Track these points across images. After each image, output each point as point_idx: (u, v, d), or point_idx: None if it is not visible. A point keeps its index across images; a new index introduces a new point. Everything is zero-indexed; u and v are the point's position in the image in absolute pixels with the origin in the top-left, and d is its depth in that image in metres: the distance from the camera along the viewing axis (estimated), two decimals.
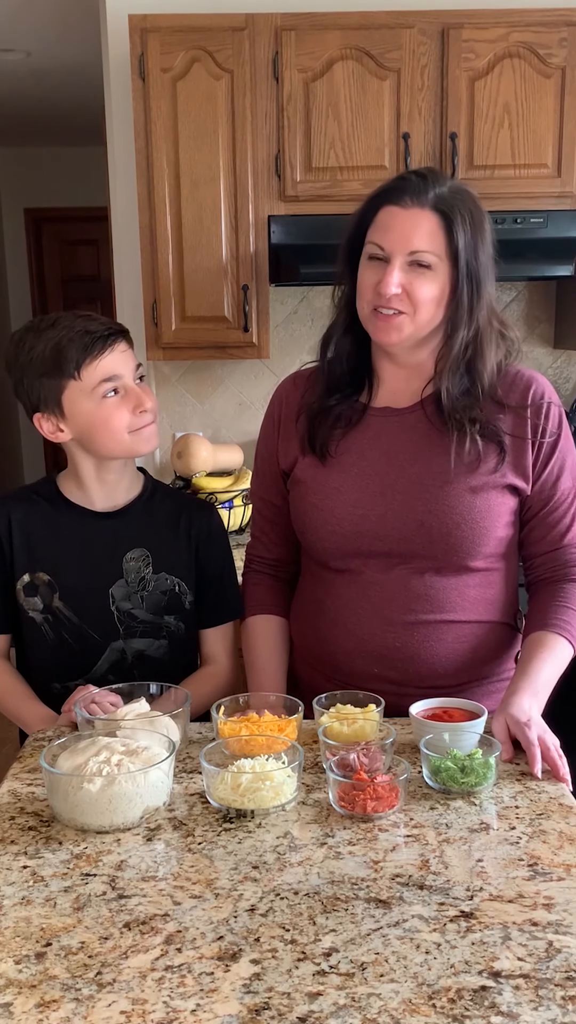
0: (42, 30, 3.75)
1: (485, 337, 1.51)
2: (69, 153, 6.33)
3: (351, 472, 1.58)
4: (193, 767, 1.40)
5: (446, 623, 1.57)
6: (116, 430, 1.59)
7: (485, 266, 1.49)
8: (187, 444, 2.92)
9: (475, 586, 1.58)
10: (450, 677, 1.59)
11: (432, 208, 1.45)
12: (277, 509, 1.71)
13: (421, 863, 1.15)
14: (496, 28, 2.60)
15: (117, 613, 1.67)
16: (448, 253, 1.46)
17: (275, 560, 1.76)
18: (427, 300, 1.47)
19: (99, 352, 1.56)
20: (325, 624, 1.63)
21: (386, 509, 1.55)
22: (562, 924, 1.03)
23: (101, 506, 1.69)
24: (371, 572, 1.58)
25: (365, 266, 1.51)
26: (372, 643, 1.58)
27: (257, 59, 2.62)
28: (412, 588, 1.56)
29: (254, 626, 1.73)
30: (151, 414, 1.62)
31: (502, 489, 1.55)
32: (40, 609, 1.67)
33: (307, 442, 1.61)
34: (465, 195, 1.49)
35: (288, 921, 1.04)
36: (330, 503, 1.58)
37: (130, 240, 2.96)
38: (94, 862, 1.16)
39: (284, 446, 1.67)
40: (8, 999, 0.93)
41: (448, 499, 1.52)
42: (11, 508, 1.69)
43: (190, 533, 1.72)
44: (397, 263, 1.46)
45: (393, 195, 1.48)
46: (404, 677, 1.58)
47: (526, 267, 2.71)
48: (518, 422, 1.55)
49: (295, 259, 2.64)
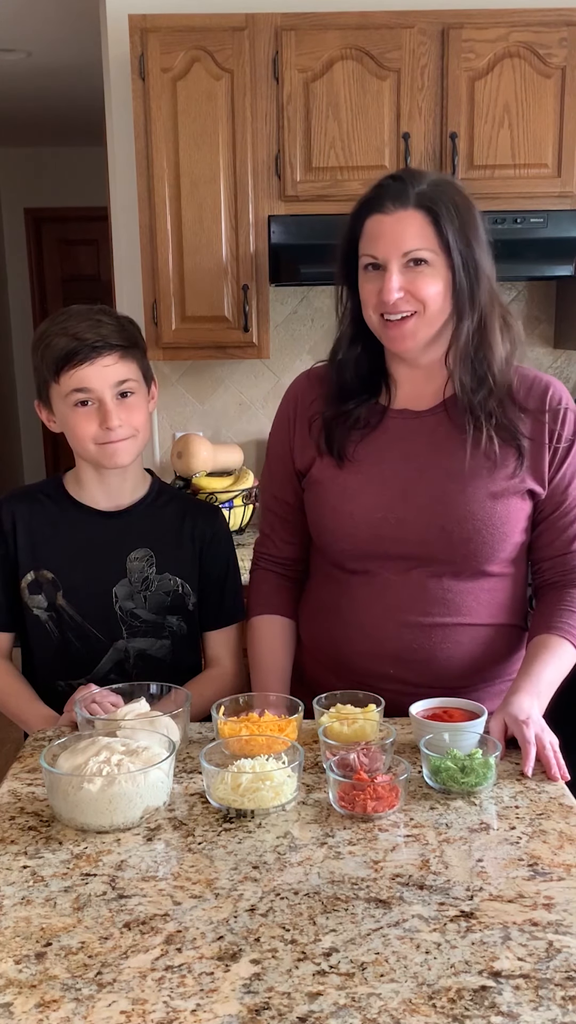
0: (42, 30, 3.75)
1: (490, 323, 1.51)
2: (69, 153, 6.34)
3: (370, 475, 1.58)
4: (193, 767, 1.40)
5: (462, 626, 1.58)
6: (81, 439, 1.61)
7: (479, 251, 1.49)
8: (187, 444, 2.92)
9: (490, 589, 1.59)
10: (465, 678, 1.59)
11: (416, 206, 1.45)
12: (290, 507, 1.70)
13: (421, 863, 1.15)
14: (496, 28, 2.60)
15: (120, 612, 1.67)
16: (441, 246, 1.46)
17: (285, 558, 1.75)
18: (432, 295, 1.47)
19: (77, 363, 1.56)
20: (340, 625, 1.63)
21: (406, 513, 1.55)
22: (562, 924, 1.03)
23: (106, 506, 1.70)
24: (388, 574, 1.58)
25: (364, 279, 1.51)
26: (389, 645, 1.58)
27: (257, 59, 2.62)
28: (429, 591, 1.56)
29: (260, 625, 1.72)
30: (119, 432, 1.59)
31: (522, 495, 1.55)
32: (44, 607, 1.68)
33: (324, 445, 1.61)
34: (446, 186, 1.49)
35: (288, 921, 1.04)
36: (349, 506, 1.58)
37: (130, 240, 2.96)
38: (94, 862, 1.16)
39: (300, 446, 1.66)
40: (8, 999, 0.93)
41: (469, 504, 1.52)
42: (16, 506, 1.69)
43: (194, 535, 1.72)
44: (394, 268, 1.46)
45: (375, 204, 1.48)
46: (420, 678, 1.58)
47: (526, 267, 2.71)
48: (536, 427, 1.55)
49: (295, 259, 2.64)
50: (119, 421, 1.59)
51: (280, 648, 1.71)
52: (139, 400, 1.63)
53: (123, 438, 1.60)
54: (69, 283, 6.85)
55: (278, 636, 1.71)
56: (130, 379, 1.61)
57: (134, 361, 1.63)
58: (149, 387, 1.68)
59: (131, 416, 1.61)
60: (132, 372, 1.62)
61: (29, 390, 7.29)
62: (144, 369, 1.66)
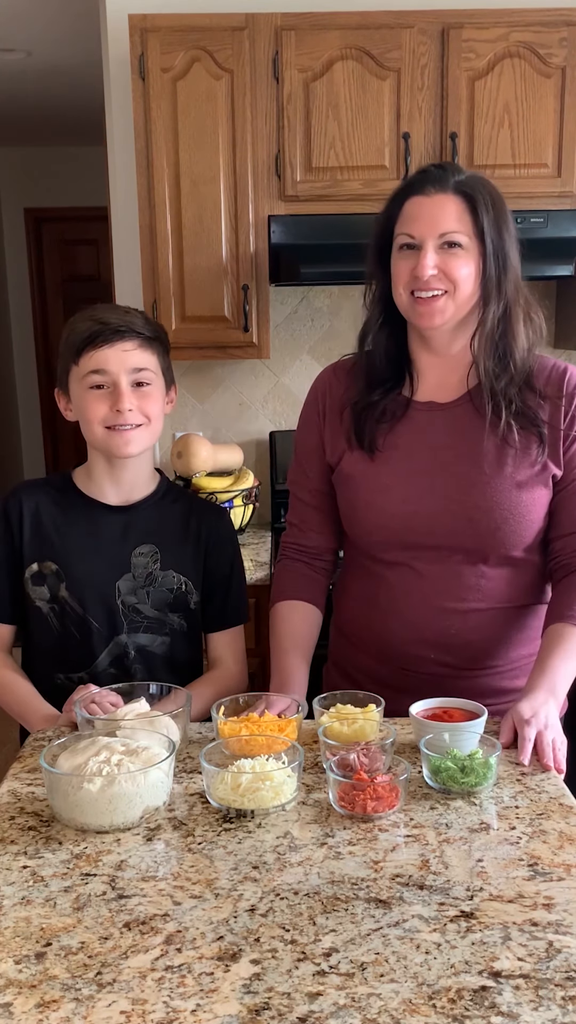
0: (42, 30, 3.75)
1: (514, 312, 1.56)
2: (69, 153, 6.33)
3: (400, 468, 1.61)
4: (193, 767, 1.40)
5: (495, 609, 1.62)
6: (91, 421, 1.62)
7: (509, 243, 1.55)
8: (187, 444, 2.92)
9: (520, 574, 1.63)
10: (500, 657, 1.65)
11: (455, 192, 1.52)
12: (323, 496, 1.72)
13: (421, 863, 1.15)
14: (496, 28, 2.60)
15: (122, 607, 1.68)
16: (475, 232, 1.52)
17: (314, 548, 1.76)
18: (464, 278, 1.52)
19: (98, 344, 1.59)
20: (379, 615, 1.66)
21: (436, 506, 1.58)
22: (562, 924, 1.03)
23: (114, 500, 1.70)
24: (422, 564, 1.61)
25: (398, 257, 1.55)
26: (428, 632, 1.62)
27: (257, 59, 2.62)
28: (463, 578, 1.61)
29: (282, 611, 1.72)
30: (129, 416, 1.60)
31: (545, 482, 1.59)
32: (47, 599, 1.68)
33: (354, 437, 1.64)
34: (484, 181, 1.57)
35: (288, 921, 1.04)
36: (381, 499, 1.61)
37: (130, 240, 2.96)
38: (94, 862, 1.16)
39: (331, 439, 1.69)
40: (8, 999, 0.93)
41: (496, 495, 1.56)
42: (23, 497, 1.70)
43: (199, 534, 1.73)
44: (430, 246, 1.51)
45: (416, 187, 1.54)
46: (460, 661, 1.63)
47: (526, 267, 2.65)
48: (555, 412, 1.59)
49: (295, 259, 2.64)
50: (131, 406, 1.60)
51: (301, 634, 1.69)
52: (155, 391, 1.64)
53: (133, 424, 1.61)
54: (69, 283, 6.85)
55: (299, 622, 1.71)
56: (148, 369, 1.63)
57: (155, 354, 1.64)
58: (168, 387, 1.69)
59: (144, 404, 1.62)
60: (151, 363, 1.63)
61: (29, 389, 7.32)
62: (164, 367, 1.68)
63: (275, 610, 1.74)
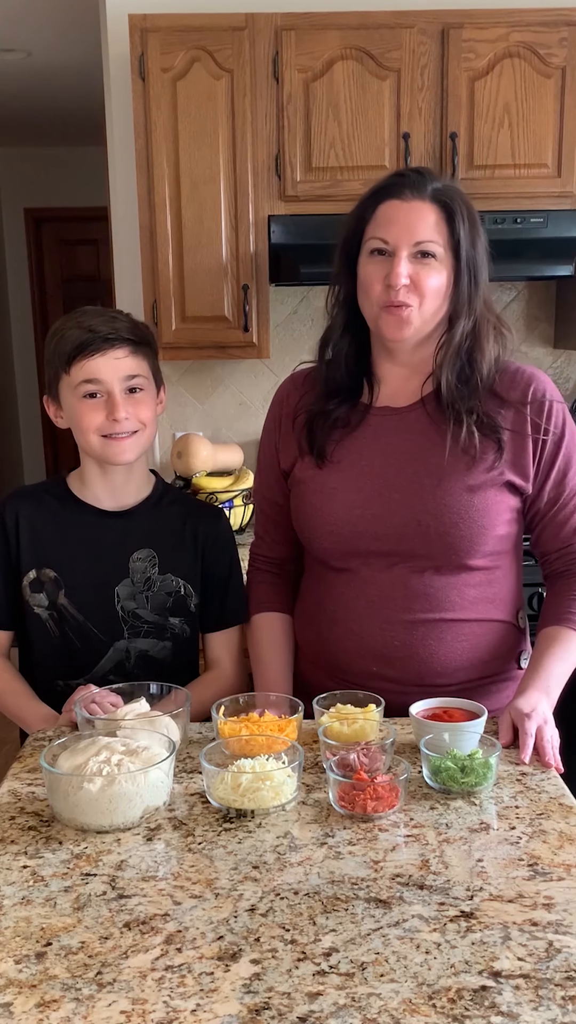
0: (42, 30, 3.75)
1: (483, 328, 1.53)
2: (69, 153, 6.33)
3: (350, 472, 1.58)
4: (193, 767, 1.40)
5: (445, 622, 1.57)
6: (86, 430, 1.62)
7: (482, 258, 1.52)
8: (187, 444, 2.92)
9: (475, 585, 1.58)
10: (449, 676, 1.59)
11: (433, 200, 1.48)
12: (280, 508, 1.71)
13: (421, 863, 1.15)
14: (496, 28, 2.60)
15: (122, 612, 1.68)
16: (450, 244, 1.48)
17: (278, 559, 1.76)
18: (433, 290, 1.48)
19: (89, 353, 1.58)
20: (325, 623, 1.64)
21: (383, 509, 1.55)
22: (562, 924, 1.03)
23: (109, 505, 1.70)
24: (370, 571, 1.58)
25: (367, 262, 1.51)
26: (371, 642, 1.58)
27: (257, 59, 2.62)
28: (411, 587, 1.56)
29: (259, 624, 1.74)
30: (125, 424, 1.60)
31: (500, 487, 1.54)
32: (45, 606, 1.68)
33: (305, 444, 1.62)
34: (459, 192, 1.53)
35: (288, 921, 1.04)
36: (329, 504, 1.58)
37: (130, 240, 2.96)
38: (94, 862, 1.16)
39: (284, 446, 1.68)
40: (8, 999, 0.93)
41: (445, 497, 1.52)
42: (20, 504, 1.70)
43: (197, 537, 1.73)
44: (404, 254, 1.47)
45: (393, 190, 1.50)
46: (404, 676, 1.58)
47: (526, 267, 2.70)
48: (518, 419, 1.55)
49: (295, 259, 2.64)
50: (126, 414, 1.60)
51: (280, 644, 1.71)
52: (147, 397, 1.64)
53: (129, 432, 1.61)
54: (69, 283, 6.86)
55: (278, 632, 1.72)
56: (140, 375, 1.63)
57: (145, 359, 1.64)
58: (158, 389, 1.69)
59: (138, 410, 1.62)
60: (142, 369, 1.63)
61: (29, 390, 7.31)
62: (154, 369, 1.67)
63: (252, 623, 1.74)
